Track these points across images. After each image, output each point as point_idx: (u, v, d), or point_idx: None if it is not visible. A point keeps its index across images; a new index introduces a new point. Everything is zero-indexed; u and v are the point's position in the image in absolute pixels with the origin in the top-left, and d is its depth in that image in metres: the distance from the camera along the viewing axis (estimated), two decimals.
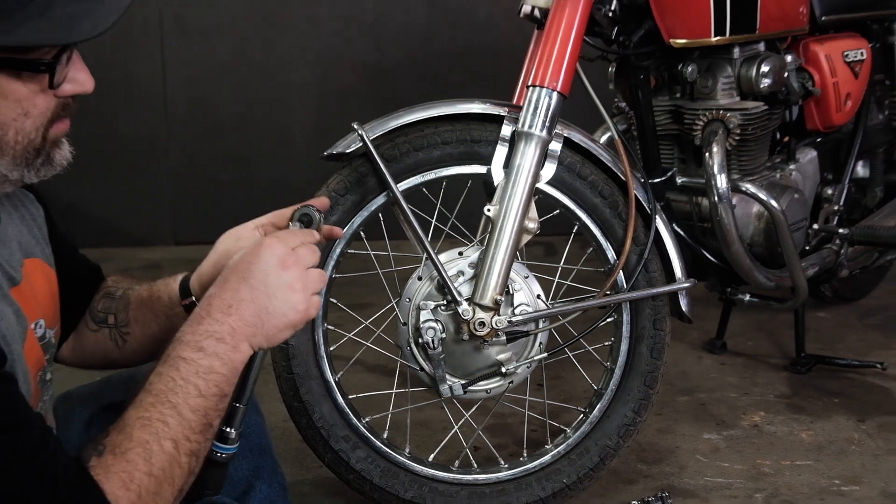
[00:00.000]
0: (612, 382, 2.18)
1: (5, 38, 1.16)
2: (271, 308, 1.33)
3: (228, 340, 1.30)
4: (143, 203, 4.41)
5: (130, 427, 1.21)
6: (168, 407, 1.24)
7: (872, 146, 3.06)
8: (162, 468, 1.21)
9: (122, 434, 1.21)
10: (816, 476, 2.36)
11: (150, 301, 1.64)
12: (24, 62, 1.21)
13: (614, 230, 2.12)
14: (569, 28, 2.04)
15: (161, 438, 1.22)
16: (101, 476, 1.17)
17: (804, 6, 2.60)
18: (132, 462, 1.19)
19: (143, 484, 1.19)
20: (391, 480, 2.09)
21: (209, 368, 1.28)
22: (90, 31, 1.21)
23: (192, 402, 1.25)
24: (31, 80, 1.23)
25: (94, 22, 1.22)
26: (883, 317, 3.39)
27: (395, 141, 2.03)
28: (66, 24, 1.20)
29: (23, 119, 1.24)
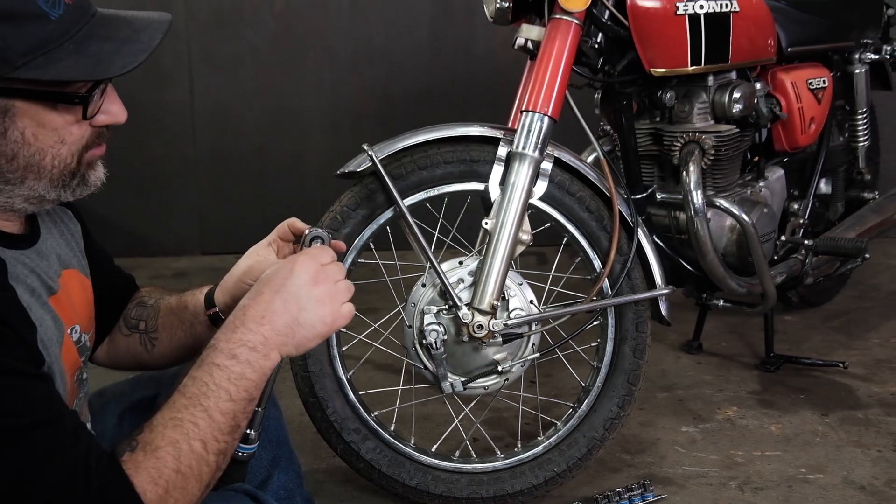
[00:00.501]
0: (599, 380, 2.17)
1: (43, 72, 1.16)
2: (302, 320, 1.31)
3: (260, 349, 1.28)
4: (172, 217, 4.41)
5: (163, 426, 1.20)
6: (200, 409, 1.22)
7: (834, 165, 3.07)
8: (190, 466, 1.19)
9: (154, 433, 1.19)
10: (784, 465, 2.35)
11: (177, 310, 1.63)
12: (60, 95, 1.21)
13: (600, 241, 2.12)
14: (559, 59, 2.04)
15: (191, 438, 1.20)
16: (132, 470, 1.16)
17: (772, 38, 2.60)
18: (162, 459, 1.17)
19: (171, 480, 1.17)
20: (398, 469, 2.08)
21: (240, 375, 1.25)
22: (120, 69, 1.21)
23: (222, 405, 1.23)
24: (66, 112, 1.23)
25: (125, 60, 1.22)
26: (844, 320, 3.38)
27: (402, 161, 2.03)
28: (99, 61, 1.20)
29: (59, 146, 1.24)
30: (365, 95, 4.32)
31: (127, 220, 4.34)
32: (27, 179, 1.24)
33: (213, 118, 4.32)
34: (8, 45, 1.14)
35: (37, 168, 1.23)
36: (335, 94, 4.32)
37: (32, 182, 1.24)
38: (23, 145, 1.21)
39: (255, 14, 4.22)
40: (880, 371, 2.91)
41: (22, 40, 1.15)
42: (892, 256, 4.11)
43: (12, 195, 1.25)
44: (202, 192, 4.39)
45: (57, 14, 1.18)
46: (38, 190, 1.25)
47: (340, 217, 2.02)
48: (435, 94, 4.31)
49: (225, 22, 4.21)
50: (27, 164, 1.23)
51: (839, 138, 3.09)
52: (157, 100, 4.24)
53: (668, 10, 2.28)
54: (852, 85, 3.03)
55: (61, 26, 1.18)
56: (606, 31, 2.23)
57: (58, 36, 1.18)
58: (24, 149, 1.21)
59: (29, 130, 1.21)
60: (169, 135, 4.31)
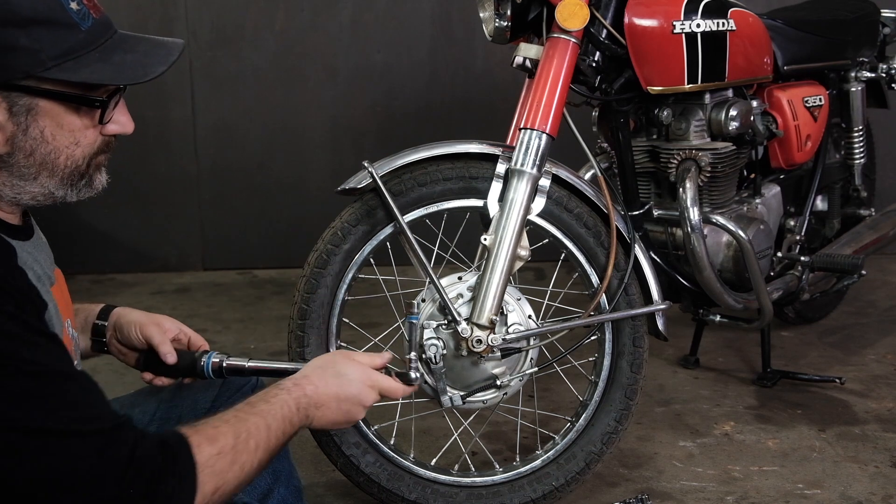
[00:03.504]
0: (596, 394, 2.18)
1: (72, 75, 1.26)
2: (337, 417, 1.55)
3: (305, 411, 1.48)
4: (174, 233, 4.42)
5: (226, 417, 1.36)
6: (262, 420, 1.38)
7: (830, 182, 3.08)
8: (236, 449, 1.31)
9: (218, 419, 1.35)
10: (782, 481, 2.35)
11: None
12: (84, 98, 1.30)
13: (597, 257, 2.13)
14: (556, 77, 2.06)
15: (249, 434, 1.35)
16: (190, 431, 1.29)
17: (768, 57, 2.61)
18: (221, 432, 1.31)
19: (225, 448, 1.30)
20: (397, 483, 2.08)
21: (290, 419, 1.44)
22: (143, 76, 1.32)
23: (275, 427, 1.40)
24: (85, 115, 1.32)
25: (147, 69, 1.33)
26: (841, 336, 3.38)
27: (402, 177, 2.04)
28: (123, 69, 1.32)
29: (73, 147, 1.32)
30: (365, 113, 4.34)
31: (129, 236, 4.35)
32: (40, 176, 1.32)
33: (215, 135, 4.33)
34: (42, 48, 1.24)
35: (51, 166, 1.31)
36: (336, 111, 4.34)
37: (45, 179, 1.32)
38: (41, 143, 1.29)
39: (256, 33, 4.25)
40: (877, 387, 2.91)
41: (55, 45, 1.25)
42: (888, 273, 4.12)
43: (23, 190, 1.32)
44: (204, 208, 4.40)
45: (86, 26, 1.29)
46: (49, 187, 1.33)
47: (341, 233, 2.03)
48: (434, 112, 4.33)
49: (227, 40, 4.23)
50: (42, 161, 1.30)
51: (835, 156, 3.11)
52: (159, 117, 4.26)
53: (665, 28, 2.30)
54: (848, 103, 3.05)
55: (89, 37, 1.29)
56: (604, 49, 2.25)
57: (85, 45, 1.28)
58: (42, 146, 1.29)
59: (48, 129, 1.29)
60: (171, 152, 4.33)
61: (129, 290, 4.10)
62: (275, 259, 4.38)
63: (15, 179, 1.31)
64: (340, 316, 2.06)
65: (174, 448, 1.25)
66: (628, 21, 2.26)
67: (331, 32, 4.27)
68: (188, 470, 1.24)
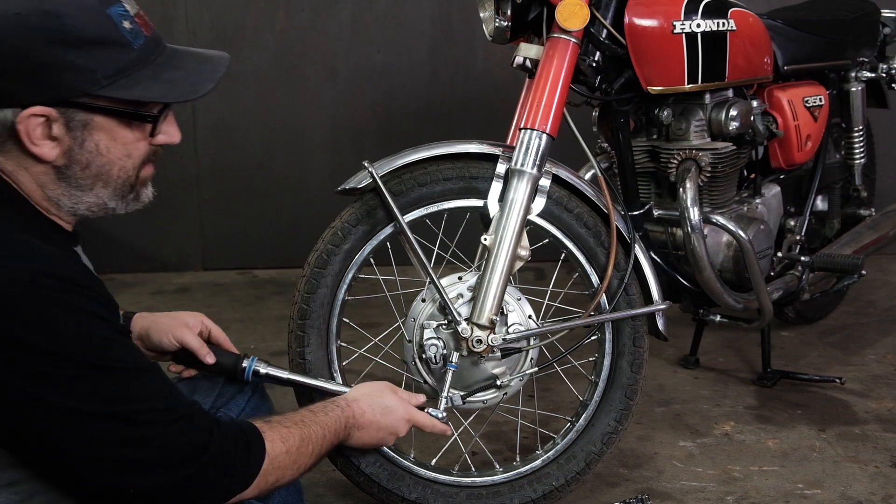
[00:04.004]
0: (596, 394, 2.18)
1: (126, 93, 1.34)
2: (375, 441, 1.76)
3: (352, 433, 1.71)
4: (174, 233, 4.42)
5: (295, 420, 1.56)
6: (321, 429, 1.59)
7: (830, 182, 3.08)
8: (300, 451, 1.52)
9: (289, 420, 1.55)
10: (782, 481, 2.35)
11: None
12: (137, 114, 1.38)
13: (598, 257, 2.13)
14: (557, 77, 2.06)
15: (310, 441, 1.55)
16: (265, 426, 1.48)
17: (769, 57, 2.61)
18: (292, 433, 1.52)
19: (292, 448, 1.50)
20: (397, 483, 2.08)
21: (337, 432, 1.66)
22: (192, 94, 1.41)
23: (329, 436, 1.62)
24: (137, 129, 1.40)
25: (195, 87, 1.42)
26: (841, 336, 3.38)
27: (402, 177, 2.04)
28: (173, 87, 1.39)
29: (126, 159, 1.41)
30: (365, 113, 4.34)
31: (129, 237, 4.35)
32: (95, 187, 1.40)
33: (215, 135, 4.33)
34: (98, 67, 1.31)
35: (105, 177, 1.40)
36: (336, 111, 4.33)
37: (100, 189, 1.40)
38: (96, 155, 1.37)
39: (256, 33, 4.25)
40: (877, 387, 2.91)
41: (109, 64, 1.32)
42: (888, 273, 4.12)
43: (80, 201, 1.40)
44: (204, 208, 4.40)
45: (138, 44, 1.36)
46: (103, 197, 1.41)
47: (341, 233, 2.03)
48: (434, 112, 4.33)
49: (227, 40, 4.23)
50: (98, 172, 1.38)
51: (835, 156, 3.11)
52: None
53: (665, 28, 2.30)
54: (848, 103, 3.05)
55: (141, 55, 1.36)
56: (604, 49, 2.25)
57: (138, 63, 1.36)
58: (97, 158, 1.37)
59: (103, 143, 1.37)
60: (171, 152, 4.27)
61: (129, 290, 4.09)
62: (275, 259, 4.38)
63: (72, 190, 1.38)
64: (340, 316, 2.06)
65: (248, 437, 1.43)
66: (628, 21, 2.26)
67: (331, 32, 4.26)
68: (258, 458, 1.43)
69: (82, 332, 1.26)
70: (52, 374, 1.24)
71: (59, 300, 1.25)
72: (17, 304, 1.22)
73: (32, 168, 1.36)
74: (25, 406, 1.24)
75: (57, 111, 1.32)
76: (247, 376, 1.79)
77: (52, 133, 1.33)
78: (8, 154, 1.35)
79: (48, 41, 1.28)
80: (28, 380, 1.23)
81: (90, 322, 1.28)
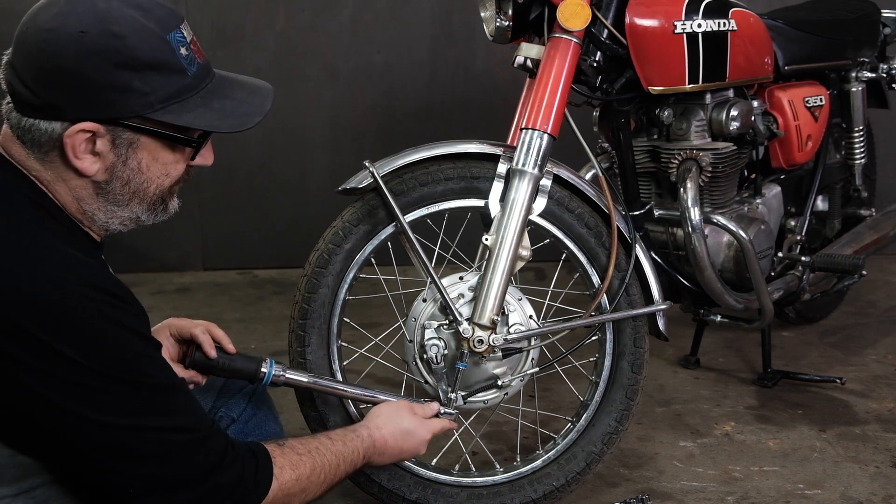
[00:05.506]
0: (597, 394, 2.18)
1: (176, 119, 1.37)
2: (396, 457, 1.78)
3: (372, 460, 1.72)
4: (174, 233, 4.41)
5: (309, 447, 1.56)
6: (335, 459, 1.59)
7: (831, 182, 3.08)
8: (310, 480, 1.52)
9: (303, 447, 1.55)
10: (782, 481, 2.35)
11: None
12: (182, 139, 1.41)
13: (598, 257, 2.13)
14: (558, 77, 2.06)
15: (322, 470, 1.55)
16: (276, 451, 1.49)
17: (769, 57, 2.61)
18: (303, 461, 1.51)
19: (302, 476, 1.50)
20: (398, 483, 2.08)
21: (354, 462, 1.65)
22: (241, 126, 1.45)
23: (344, 466, 1.62)
24: (178, 151, 1.43)
25: (245, 119, 1.45)
26: (841, 336, 3.38)
27: (403, 177, 2.04)
28: (222, 116, 1.42)
29: (164, 178, 1.44)
30: (366, 113, 4.34)
31: (129, 236, 4.29)
32: (132, 203, 1.42)
33: (216, 135, 4.32)
34: (153, 91, 1.34)
35: (142, 194, 1.42)
36: (336, 111, 4.33)
37: (135, 206, 1.43)
38: (137, 173, 1.40)
39: (256, 33, 4.25)
40: (877, 387, 2.91)
41: (164, 88, 1.35)
42: (888, 273, 4.12)
43: (114, 216, 1.43)
44: (204, 208, 4.40)
45: (192, 71, 1.39)
46: (138, 213, 1.44)
47: (342, 233, 2.03)
48: (435, 112, 4.33)
49: (227, 40, 4.23)
50: (136, 189, 1.41)
51: (836, 156, 3.11)
52: None
53: (666, 28, 2.30)
54: (849, 103, 3.05)
55: (194, 81, 1.39)
56: (605, 49, 2.25)
57: (190, 89, 1.39)
58: (137, 176, 1.40)
59: (144, 162, 1.39)
60: None
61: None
62: (275, 259, 4.38)
63: (110, 205, 1.41)
64: (341, 316, 2.06)
65: (258, 461, 1.44)
66: (629, 21, 2.26)
67: (331, 32, 4.26)
68: (265, 484, 1.43)
69: (119, 346, 1.28)
70: (84, 386, 1.26)
71: (104, 313, 1.27)
72: (67, 316, 1.24)
73: (71, 181, 1.37)
74: (54, 415, 1.25)
75: (105, 128, 1.34)
76: (266, 381, 1.77)
77: (96, 148, 1.35)
78: (49, 165, 1.36)
79: (108, 62, 1.30)
80: (60, 390, 1.25)
81: (127, 336, 1.30)
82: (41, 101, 1.32)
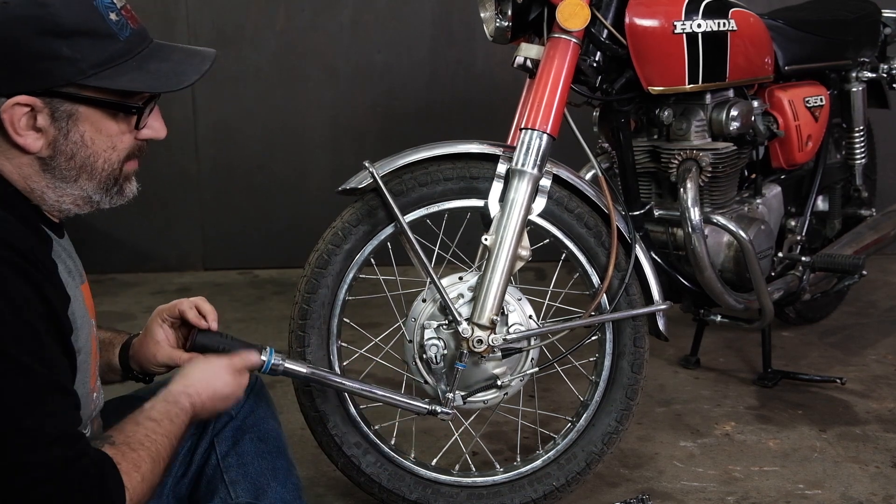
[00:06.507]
0: (597, 394, 2.18)
1: (110, 83, 1.34)
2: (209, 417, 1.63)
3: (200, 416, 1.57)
4: (174, 233, 4.42)
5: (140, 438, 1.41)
6: (168, 440, 1.45)
7: (831, 182, 3.08)
8: (153, 472, 1.39)
9: (137, 442, 1.40)
10: (782, 481, 2.36)
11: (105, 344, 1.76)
12: (122, 105, 1.38)
13: (598, 257, 2.13)
14: (557, 77, 2.06)
15: (161, 458, 1.42)
16: (118, 456, 1.34)
17: (769, 57, 2.62)
18: (142, 458, 1.38)
19: (146, 473, 1.37)
20: (398, 483, 2.09)
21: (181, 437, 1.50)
22: (176, 84, 1.40)
23: (175, 444, 1.47)
24: (122, 121, 1.40)
25: (181, 78, 1.41)
26: (842, 336, 3.38)
27: (402, 177, 2.05)
28: (159, 78, 1.39)
29: (110, 151, 1.40)
30: (366, 113, 4.34)
31: (130, 237, 4.36)
32: (80, 178, 1.39)
33: (216, 135, 4.34)
34: (83, 57, 1.32)
35: (90, 169, 1.39)
36: (336, 111, 4.34)
37: (84, 182, 1.40)
38: (81, 146, 1.37)
39: (257, 32, 4.25)
40: (878, 387, 2.92)
41: (95, 54, 1.33)
42: (889, 273, 4.12)
43: (64, 193, 1.39)
44: (204, 208, 4.40)
45: (124, 36, 1.36)
46: (88, 190, 1.41)
47: (342, 233, 2.03)
48: (435, 112, 4.33)
49: (228, 40, 4.23)
50: (82, 164, 1.38)
51: (836, 156, 3.11)
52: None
53: (665, 28, 2.30)
54: (849, 103, 3.05)
55: (127, 46, 1.37)
56: (605, 49, 2.25)
57: (123, 54, 1.36)
58: (81, 150, 1.37)
59: (88, 134, 1.37)
60: (172, 151, 4.32)
61: (130, 290, 4.10)
62: (275, 259, 4.39)
63: (57, 182, 1.38)
64: (341, 316, 2.06)
65: (106, 472, 1.31)
66: (629, 21, 2.26)
67: (331, 32, 4.27)
68: (119, 495, 1.32)
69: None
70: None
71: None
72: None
73: (16, 159, 1.35)
74: None
75: (42, 101, 1.31)
76: (265, 369, 1.73)
77: (37, 124, 1.33)
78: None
79: (34, 30, 1.29)
80: None
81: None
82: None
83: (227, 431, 1.71)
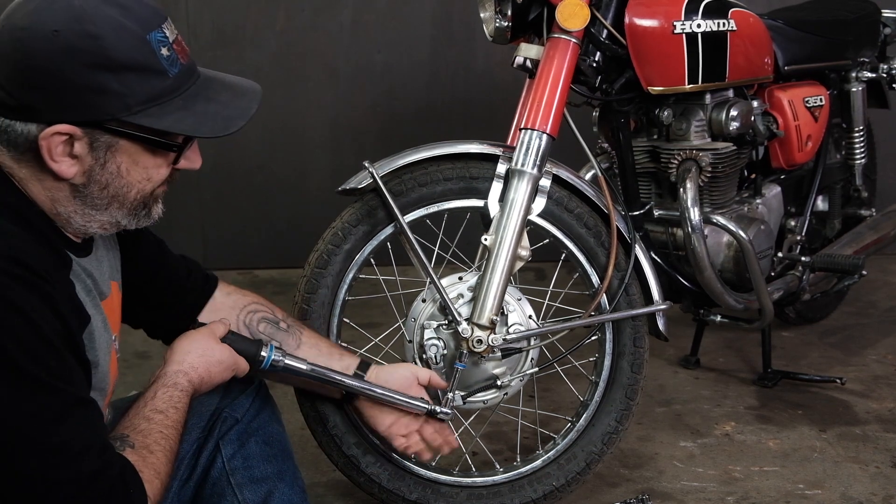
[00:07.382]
0: (597, 394, 2.18)
1: (156, 122, 1.32)
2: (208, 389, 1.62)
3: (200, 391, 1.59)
4: (174, 233, 4.41)
5: (156, 437, 1.43)
6: (176, 431, 1.47)
7: (831, 182, 3.08)
8: (169, 473, 1.42)
9: (155, 443, 1.42)
10: (782, 481, 2.36)
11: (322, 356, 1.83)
12: (163, 143, 1.36)
13: (598, 257, 2.13)
14: (557, 77, 2.06)
15: (174, 452, 1.45)
16: (140, 463, 1.36)
17: (769, 57, 2.62)
18: (160, 460, 1.40)
19: (165, 476, 1.40)
20: (398, 483, 2.09)
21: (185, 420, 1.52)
22: (222, 130, 1.38)
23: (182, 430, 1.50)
24: (160, 155, 1.38)
25: (227, 123, 1.39)
26: (841, 336, 3.38)
27: (402, 177, 2.05)
28: (204, 120, 1.37)
29: (145, 183, 1.39)
30: (366, 113, 4.34)
31: None
32: (111, 207, 1.38)
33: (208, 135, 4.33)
34: (131, 93, 1.29)
35: (122, 198, 1.38)
36: (336, 111, 4.33)
37: (115, 210, 1.39)
38: (116, 177, 1.35)
39: (257, 33, 4.25)
40: (878, 387, 2.92)
41: (143, 91, 1.30)
42: (889, 273, 4.12)
43: (92, 219, 1.38)
44: (204, 208, 4.40)
45: (174, 72, 1.34)
46: (118, 217, 1.40)
47: (341, 233, 2.03)
48: (435, 112, 4.33)
49: (227, 40, 4.23)
50: (115, 193, 1.37)
51: (836, 156, 3.11)
52: None
53: (665, 29, 2.30)
54: (849, 103, 3.05)
55: (175, 83, 1.34)
56: (604, 49, 2.25)
57: (171, 91, 1.34)
58: (116, 180, 1.36)
59: (124, 166, 1.35)
60: None
61: None
62: (275, 259, 4.38)
63: (87, 209, 1.37)
64: (341, 316, 2.07)
65: (129, 481, 1.32)
66: (629, 21, 2.26)
67: (331, 32, 4.27)
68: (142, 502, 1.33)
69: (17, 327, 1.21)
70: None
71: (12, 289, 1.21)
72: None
73: (47, 182, 1.34)
74: None
75: (82, 131, 1.29)
76: (265, 365, 1.73)
77: (74, 151, 1.31)
78: (24, 164, 1.32)
79: (84, 63, 1.26)
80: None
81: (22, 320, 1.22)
82: (17, 102, 1.28)
83: (232, 434, 1.70)
